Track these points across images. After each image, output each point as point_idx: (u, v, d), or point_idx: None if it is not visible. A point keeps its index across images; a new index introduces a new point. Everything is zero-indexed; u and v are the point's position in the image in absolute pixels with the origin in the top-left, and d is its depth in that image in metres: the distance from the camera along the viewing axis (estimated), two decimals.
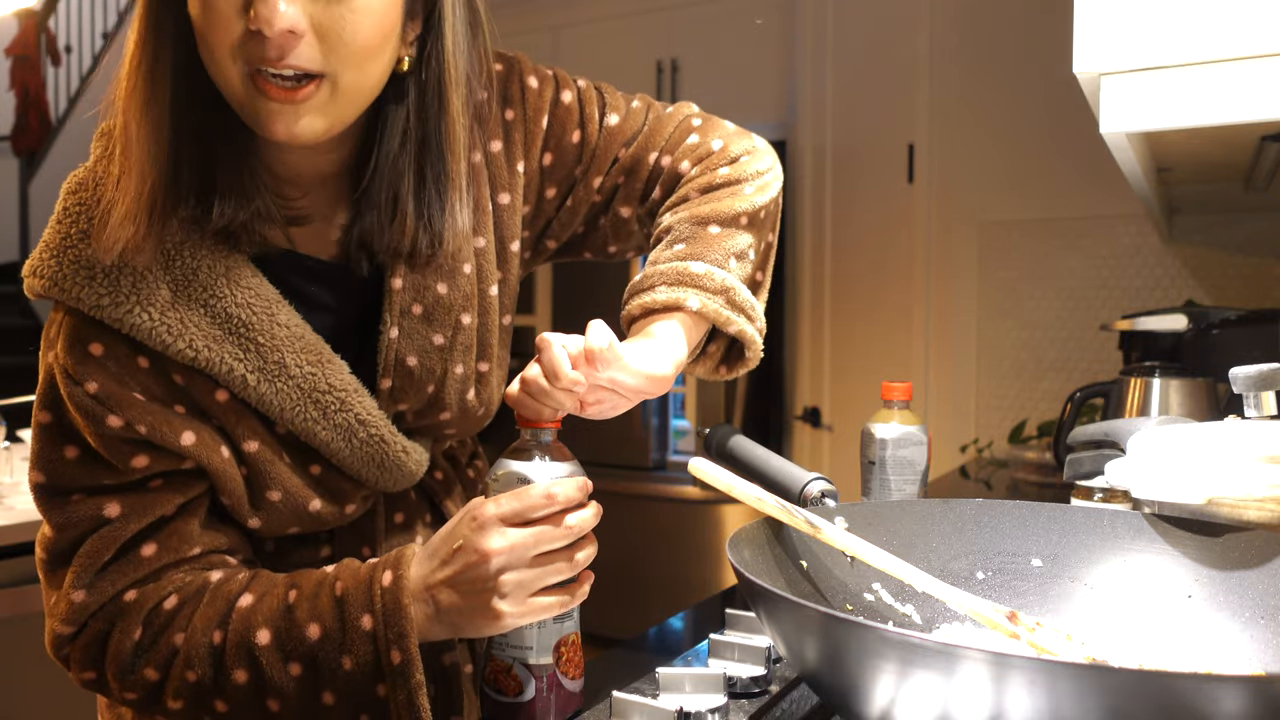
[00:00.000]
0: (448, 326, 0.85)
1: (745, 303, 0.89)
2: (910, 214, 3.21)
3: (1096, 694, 0.46)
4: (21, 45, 5.31)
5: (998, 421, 3.04)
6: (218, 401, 0.77)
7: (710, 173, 0.93)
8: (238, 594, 0.76)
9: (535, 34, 3.89)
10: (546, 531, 0.71)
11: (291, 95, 0.69)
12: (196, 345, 0.75)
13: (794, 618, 0.57)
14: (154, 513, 0.76)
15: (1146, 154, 1.27)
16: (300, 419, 0.79)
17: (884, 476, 1.11)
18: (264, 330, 0.77)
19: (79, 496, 0.76)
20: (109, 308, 0.73)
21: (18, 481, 2.04)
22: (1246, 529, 0.72)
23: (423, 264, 0.84)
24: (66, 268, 0.74)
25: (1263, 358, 1.02)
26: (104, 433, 0.74)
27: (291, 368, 0.78)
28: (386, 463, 0.83)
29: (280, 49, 0.67)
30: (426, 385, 0.85)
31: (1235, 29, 0.80)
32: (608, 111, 0.96)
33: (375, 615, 0.72)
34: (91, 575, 0.75)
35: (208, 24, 0.68)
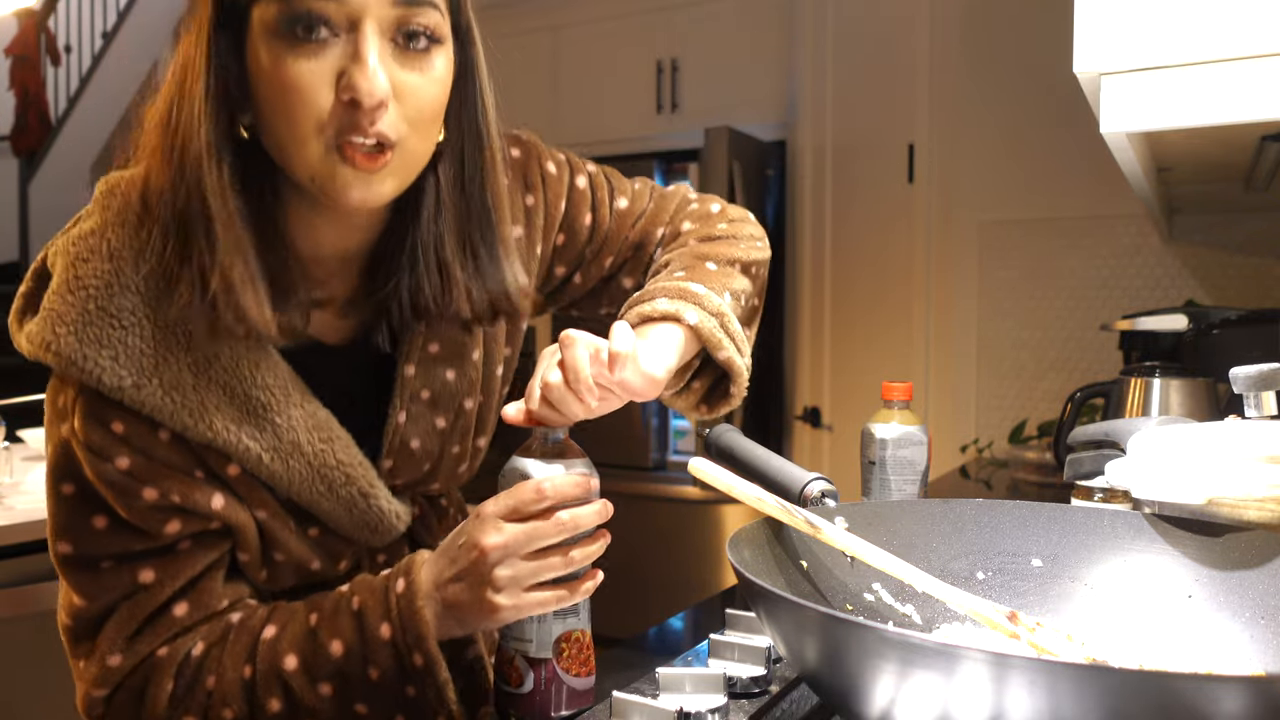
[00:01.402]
0: (451, 411, 0.87)
1: (736, 333, 0.91)
2: (910, 214, 3.21)
3: (1096, 694, 0.46)
4: (21, 45, 5.30)
5: (998, 421, 3.04)
6: (230, 474, 0.77)
7: (709, 227, 0.99)
8: (261, 627, 0.78)
9: (535, 34, 3.90)
10: (539, 527, 0.72)
11: (374, 162, 0.70)
12: (216, 427, 0.75)
13: (794, 618, 0.57)
14: (186, 575, 0.77)
15: (1146, 154, 1.27)
16: (308, 493, 0.80)
17: (884, 476, 1.11)
18: (282, 412, 0.77)
19: (109, 564, 0.76)
20: (130, 390, 0.72)
21: (17, 481, 2.04)
22: (1246, 529, 0.72)
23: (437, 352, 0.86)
24: (88, 347, 0.72)
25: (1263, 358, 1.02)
26: (137, 505, 0.74)
27: (304, 446, 0.79)
28: (380, 526, 0.85)
29: (373, 117, 0.69)
30: (424, 464, 0.87)
31: (1235, 29, 0.80)
32: (616, 196, 1.00)
33: (393, 623, 0.74)
34: (125, 639, 0.76)
35: (292, 97, 0.68)
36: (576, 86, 3.84)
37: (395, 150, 0.71)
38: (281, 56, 0.68)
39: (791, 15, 3.38)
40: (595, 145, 3.79)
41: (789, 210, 3.45)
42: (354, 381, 0.85)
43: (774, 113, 3.46)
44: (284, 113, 0.69)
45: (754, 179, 3.37)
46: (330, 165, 0.70)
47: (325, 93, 0.68)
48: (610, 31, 3.77)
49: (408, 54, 0.71)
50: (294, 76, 0.68)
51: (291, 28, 0.68)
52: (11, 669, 1.74)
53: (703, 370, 0.94)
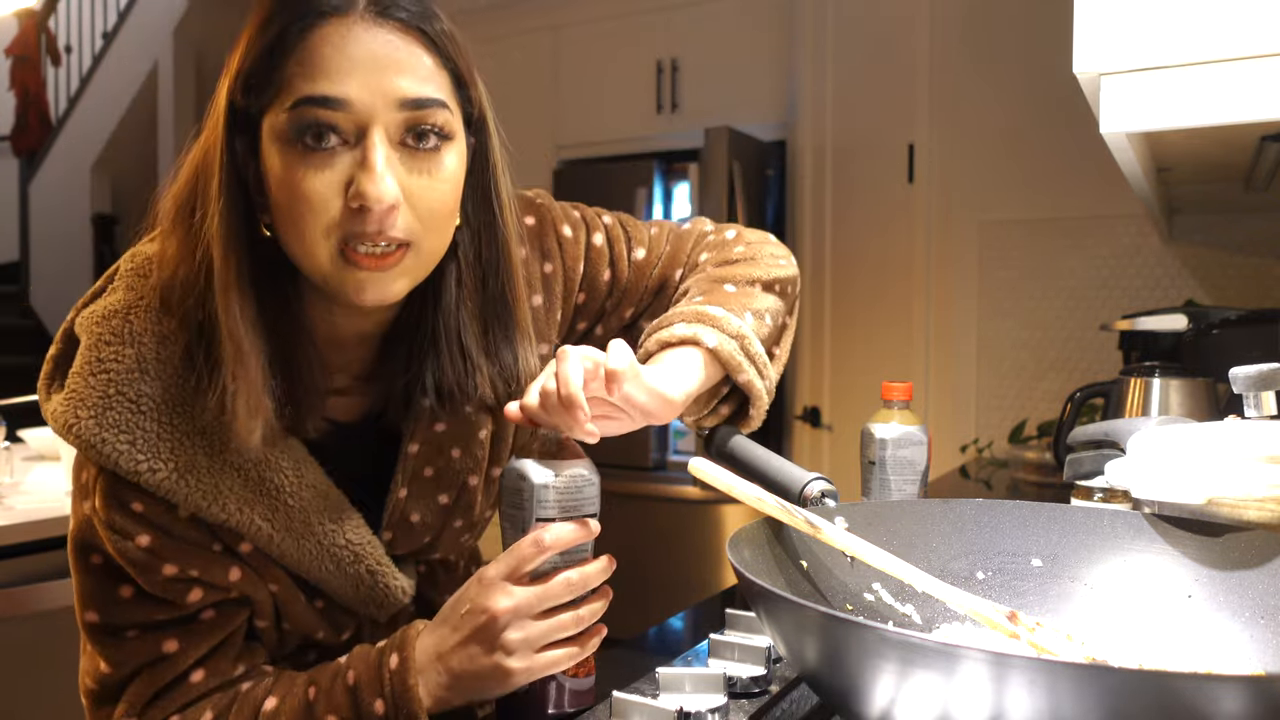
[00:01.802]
0: (454, 488, 0.87)
1: (757, 354, 0.90)
2: (910, 214, 3.21)
3: (1096, 694, 0.46)
4: (21, 45, 5.30)
5: (998, 421, 3.04)
6: (242, 550, 0.78)
7: (726, 252, 0.99)
8: (263, 699, 0.78)
9: (535, 34, 3.90)
10: (549, 589, 0.73)
11: (383, 263, 0.71)
12: (229, 509, 0.75)
13: (794, 618, 0.57)
14: (208, 644, 0.78)
15: (1146, 154, 1.27)
16: (316, 570, 0.80)
17: (884, 476, 1.11)
18: (294, 493, 0.78)
19: (135, 633, 0.77)
20: (146, 474, 0.73)
21: (18, 481, 2.04)
22: (1246, 529, 0.72)
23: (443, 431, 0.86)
24: (106, 431, 0.73)
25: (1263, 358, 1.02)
26: (158, 580, 0.75)
27: (315, 525, 0.79)
28: (386, 602, 0.85)
29: (380, 223, 0.69)
30: (424, 537, 0.87)
31: (1235, 29, 0.80)
32: (634, 247, 1.00)
33: (386, 699, 0.74)
34: (143, 706, 0.77)
35: (302, 205, 0.69)
36: (576, 86, 3.84)
37: (410, 251, 0.73)
38: (292, 165, 0.69)
39: (791, 15, 3.38)
40: (595, 145, 3.79)
41: (789, 210, 3.45)
42: (359, 456, 0.85)
43: (774, 113, 3.46)
44: (294, 219, 0.70)
45: (754, 179, 3.37)
46: (339, 270, 0.71)
47: (334, 201, 0.69)
48: (610, 31, 3.77)
49: (417, 154, 0.72)
50: (304, 185, 0.69)
51: (300, 136, 0.69)
52: (11, 669, 1.74)
53: (730, 394, 0.94)
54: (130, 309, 0.76)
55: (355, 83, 0.69)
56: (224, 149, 0.72)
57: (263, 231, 0.73)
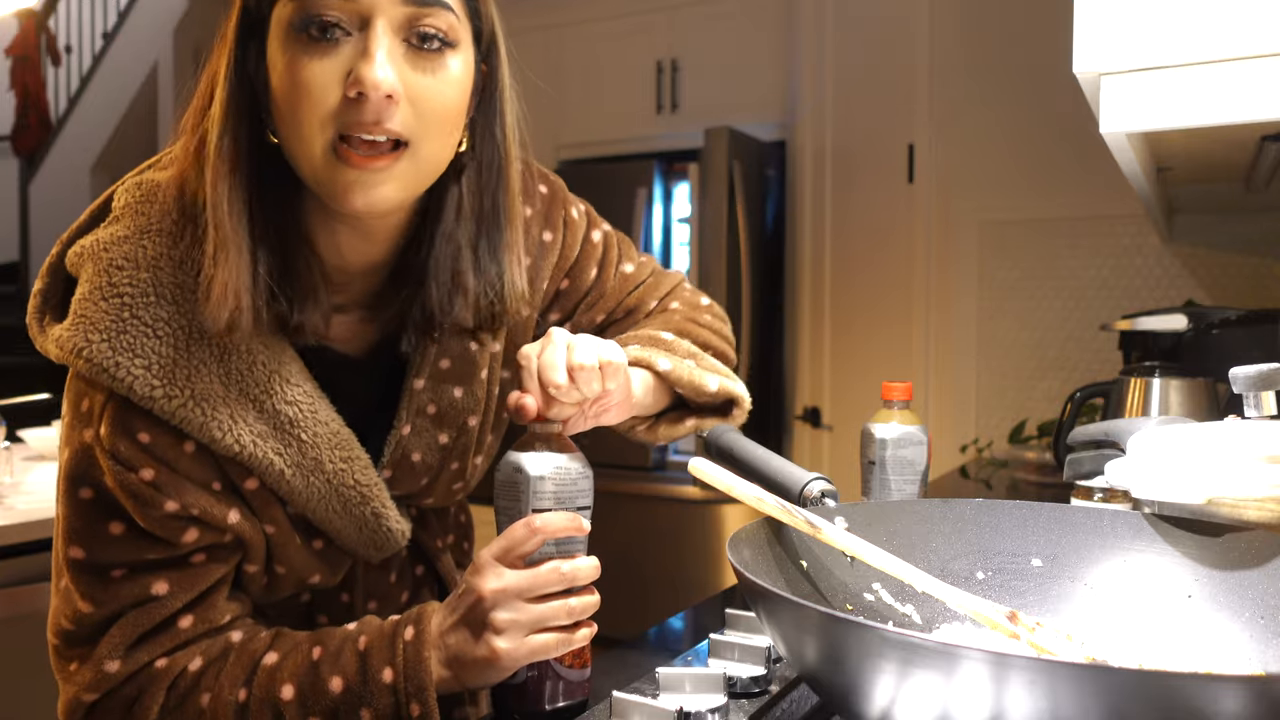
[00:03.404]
0: (454, 428, 0.88)
1: (715, 365, 0.93)
2: (910, 214, 3.21)
3: (1096, 694, 0.46)
4: (21, 45, 5.30)
5: (998, 421, 3.04)
6: (247, 487, 0.78)
7: (696, 314, 1.01)
8: (263, 652, 0.77)
9: (535, 34, 3.90)
10: (540, 574, 0.73)
11: (373, 161, 0.70)
12: (243, 440, 0.75)
13: (794, 618, 0.57)
14: (198, 588, 0.77)
15: (1146, 154, 1.27)
16: (322, 509, 0.80)
17: (884, 476, 1.11)
18: (307, 428, 0.78)
19: (121, 572, 0.75)
20: (162, 400, 0.72)
21: (18, 482, 2.04)
22: (1246, 529, 0.72)
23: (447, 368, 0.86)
24: (121, 354, 0.72)
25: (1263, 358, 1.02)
26: (158, 515, 0.74)
27: (325, 464, 0.79)
28: (386, 544, 0.85)
29: (378, 113, 0.68)
30: (422, 477, 0.88)
31: (1235, 29, 0.80)
32: (624, 260, 1.03)
33: (396, 669, 0.74)
34: (126, 647, 0.75)
35: (301, 94, 0.69)
36: (576, 86, 3.84)
37: (407, 151, 0.71)
38: (295, 56, 0.69)
39: (791, 15, 3.38)
40: (595, 145, 3.79)
41: (789, 210, 3.45)
42: (366, 393, 0.85)
43: (774, 113, 3.46)
44: (292, 109, 0.70)
45: (754, 179, 3.37)
46: (330, 166, 0.70)
47: (333, 90, 0.69)
48: (610, 31, 3.77)
49: (420, 54, 0.71)
50: (305, 75, 0.69)
51: (305, 28, 0.69)
52: (11, 669, 1.74)
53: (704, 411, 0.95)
54: (142, 234, 0.75)
55: None
56: (234, 53, 0.72)
57: (270, 138, 0.73)
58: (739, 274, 3.29)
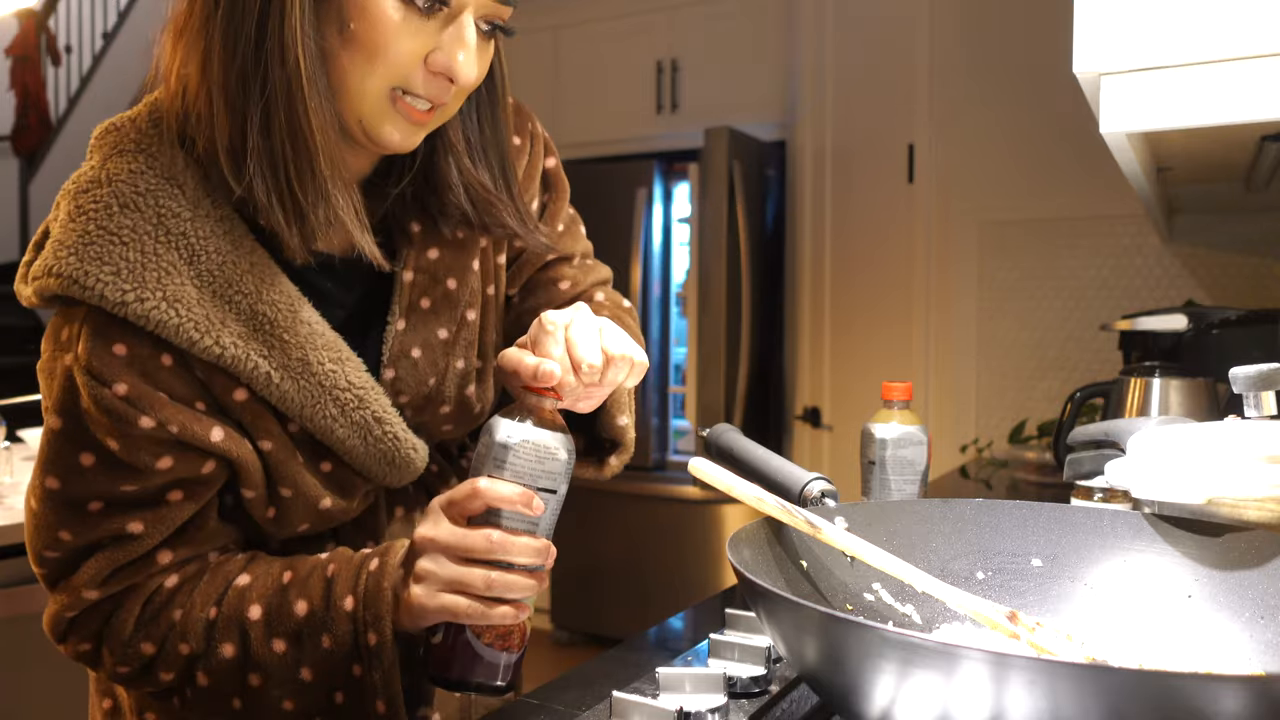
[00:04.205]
0: (453, 321, 0.86)
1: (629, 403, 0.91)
2: (910, 214, 3.21)
3: (1096, 694, 0.46)
4: (21, 45, 5.31)
5: (998, 421, 3.04)
6: (236, 400, 0.76)
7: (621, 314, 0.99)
8: (236, 573, 0.78)
9: (535, 34, 3.90)
10: (469, 535, 0.72)
11: (427, 117, 0.76)
12: (224, 342, 0.73)
13: (794, 618, 0.57)
14: (173, 524, 0.77)
15: (1146, 154, 1.27)
16: (320, 416, 0.79)
17: (884, 476, 1.11)
18: (289, 328, 0.76)
19: (97, 505, 0.75)
20: (134, 304, 0.71)
21: (18, 481, 2.04)
22: (1246, 529, 0.72)
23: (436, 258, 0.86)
24: (89, 264, 0.71)
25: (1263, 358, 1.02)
26: (133, 434, 0.73)
27: (314, 365, 0.78)
28: (396, 459, 0.83)
29: (448, 91, 0.75)
30: (428, 378, 0.86)
31: (1235, 29, 0.80)
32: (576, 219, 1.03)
33: (357, 597, 0.75)
34: (105, 577, 0.76)
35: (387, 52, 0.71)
36: (576, 86, 3.84)
37: (441, 110, 0.77)
38: (390, 11, 0.71)
39: (791, 16, 3.38)
40: (595, 145, 3.79)
41: (789, 210, 3.45)
42: (357, 298, 0.84)
43: (774, 113, 3.46)
44: (370, 55, 0.72)
45: (754, 179, 3.37)
46: (384, 113, 0.74)
47: (417, 58, 0.73)
48: (610, 31, 3.77)
49: (480, 38, 0.76)
50: (398, 37, 0.71)
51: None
52: (11, 669, 1.74)
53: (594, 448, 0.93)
54: (105, 159, 0.75)
55: None
56: None
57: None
58: (739, 274, 3.29)
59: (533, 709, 0.79)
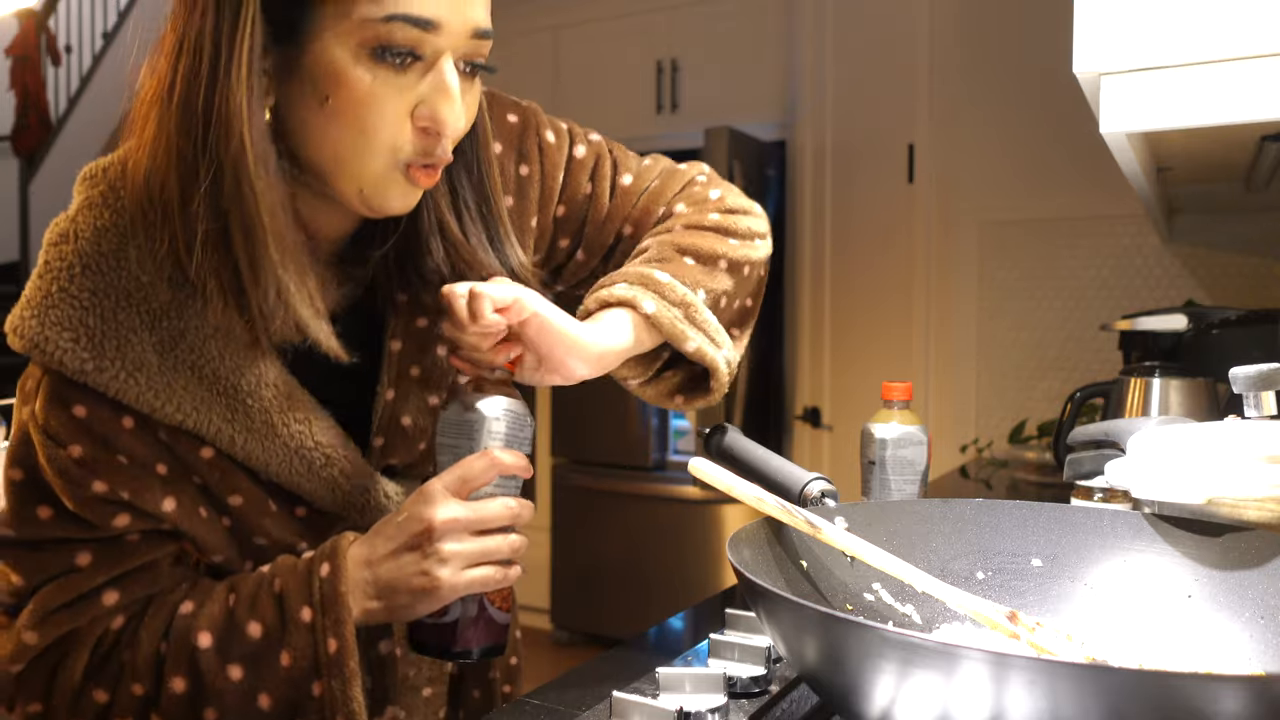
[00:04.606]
0: (443, 388, 0.86)
1: (706, 322, 0.87)
2: (910, 214, 3.21)
3: (1096, 694, 0.46)
4: (21, 45, 5.30)
5: (998, 421, 3.04)
6: (203, 458, 0.75)
7: (701, 214, 0.94)
8: (178, 601, 0.76)
9: (535, 34, 3.89)
10: (488, 507, 0.73)
11: (432, 178, 0.73)
12: (185, 409, 0.73)
13: (794, 618, 0.57)
14: (124, 565, 0.75)
15: (1146, 154, 1.27)
16: (287, 473, 0.78)
17: (884, 476, 1.11)
18: (252, 392, 0.75)
19: (50, 547, 0.74)
20: (93, 373, 0.70)
21: None
22: (1246, 529, 0.72)
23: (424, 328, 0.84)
24: (49, 329, 0.70)
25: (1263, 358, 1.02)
26: (85, 496, 0.72)
27: (279, 427, 0.76)
28: (368, 507, 0.82)
29: (446, 145, 0.72)
30: (418, 443, 0.85)
31: (1235, 29, 0.80)
32: (621, 171, 0.97)
33: (314, 606, 0.73)
34: (42, 616, 0.74)
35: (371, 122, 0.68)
36: (576, 86, 3.84)
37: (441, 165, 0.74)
38: (365, 76, 0.68)
39: (791, 15, 3.38)
40: None
41: (789, 210, 3.45)
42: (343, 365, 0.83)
43: (774, 113, 3.46)
44: (359, 126, 0.69)
45: (754, 179, 3.37)
46: (389, 181, 0.72)
47: (403, 117, 0.70)
48: (610, 31, 3.77)
49: (464, 79, 0.72)
50: (378, 99, 0.68)
51: (383, 56, 0.67)
52: None
53: (677, 363, 0.92)
54: (78, 210, 0.74)
55: (447, 7, 0.68)
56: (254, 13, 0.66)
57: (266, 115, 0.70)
58: None
59: (533, 709, 0.79)
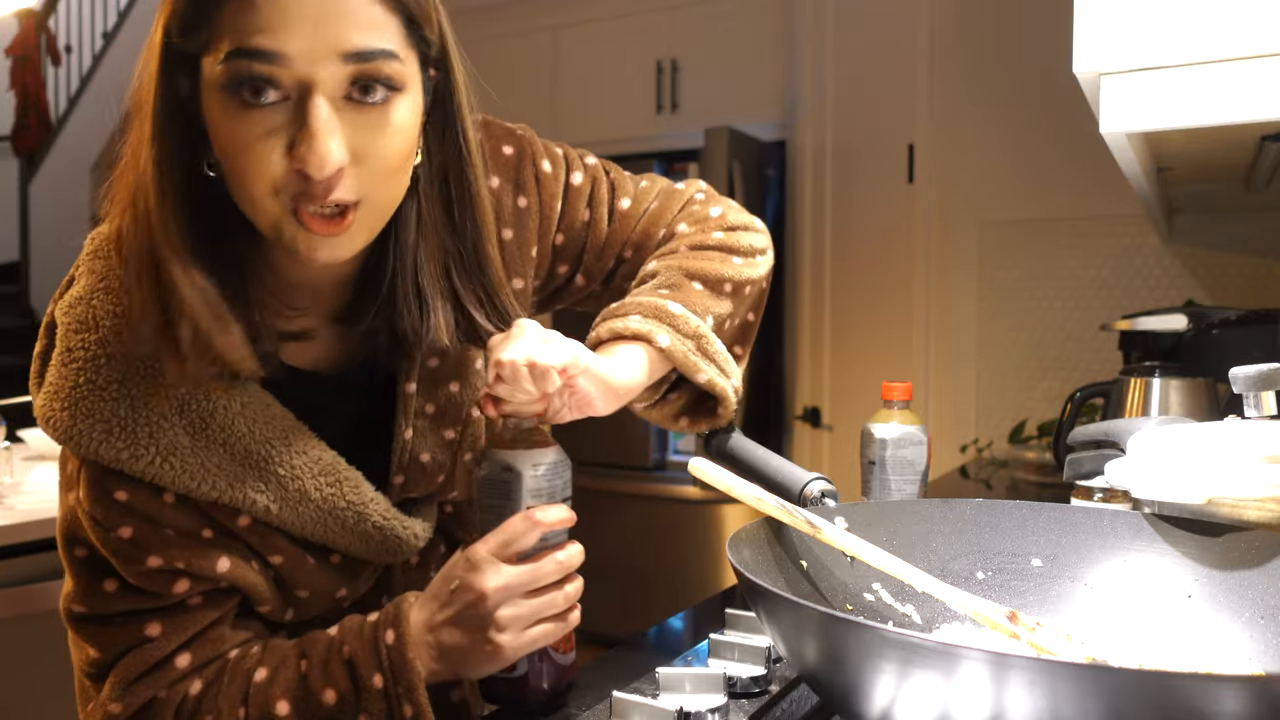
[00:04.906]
0: (459, 422, 0.87)
1: (717, 353, 0.89)
2: (910, 214, 3.21)
3: (1096, 694, 0.46)
4: (21, 45, 5.30)
5: (998, 421, 3.04)
6: (240, 525, 0.77)
7: (704, 234, 0.95)
8: (253, 668, 0.77)
9: (535, 34, 3.89)
10: (541, 567, 0.74)
11: (337, 227, 0.68)
12: (220, 486, 0.74)
13: (794, 618, 0.57)
14: (192, 630, 0.77)
15: (1146, 154, 1.27)
16: (322, 533, 0.80)
17: (884, 476, 1.11)
18: (284, 462, 0.76)
19: (120, 619, 0.76)
20: (129, 461, 0.72)
21: (18, 482, 2.04)
22: (1246, 529, 0.72)
23: (436, 367, 0.85)
24: (81, 422, 0.71)
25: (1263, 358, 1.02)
26: (142, 571, 0.74)
27: (311, 492, 0.78)
28: (400, 549, 0.85)
29: (327, 187, 0.66)
30: (437, 476, 0.87)
31: (1235, 29, 0.80)
32: (619, 196, 0.97)
33: (385, 674, 0.74)
34: (125, 687, 0.76)
35: (247, 163, 0.66)
36: (576, 86, 3.84)
37: (359, 209, 0.69)
38: (232, 118, 0.65)
39: (791, 15, 3.38)
40: (595, 145, 3.76)
41: (789, 210, 3.45)
42: (360, 406, 0.84)
43: (774, 113, 3.46)
44: (239, 173, 0.67)
45: (754, 179, 3.37)
46: (290, 228, 0.68)
47: (278, 157, 0.65)
48: (610, 31, 3.77)
49: (364, 108, 0.67)
50: (245, 139, 0.65)
51: (238, 90, 0.64)
52: (11, 669, 1.74)
53: (681, 385, 0.93)
54: (93, 293, 0.74)
55: (294, 35, 0.63)
56: (159, 85, 0.67)
57: (205, 171, 0.69)
58: None
59: (533, 709, 0.79)
